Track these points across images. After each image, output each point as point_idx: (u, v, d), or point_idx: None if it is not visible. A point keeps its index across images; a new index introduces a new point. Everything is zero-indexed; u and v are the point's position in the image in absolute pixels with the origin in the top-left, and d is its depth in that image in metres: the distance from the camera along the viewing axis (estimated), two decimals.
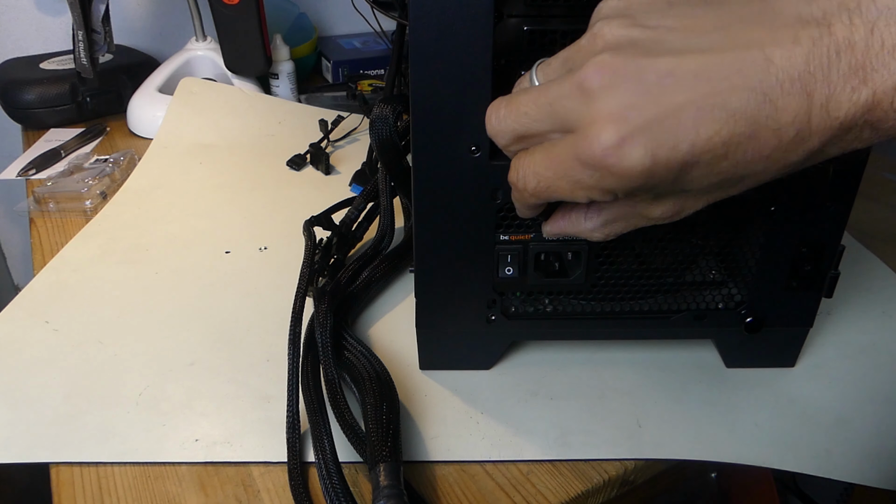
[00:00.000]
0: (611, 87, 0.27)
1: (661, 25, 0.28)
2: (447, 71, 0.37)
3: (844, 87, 0.25)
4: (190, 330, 0.53)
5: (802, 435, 0.45)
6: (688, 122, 0.27)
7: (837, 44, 0.25)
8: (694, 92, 0.26)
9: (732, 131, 0.26)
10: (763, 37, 0.26)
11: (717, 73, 0.26)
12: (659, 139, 0.27)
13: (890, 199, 0.75)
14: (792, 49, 0.26)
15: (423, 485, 0.41)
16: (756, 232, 0.44)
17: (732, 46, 0.26)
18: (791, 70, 0.26)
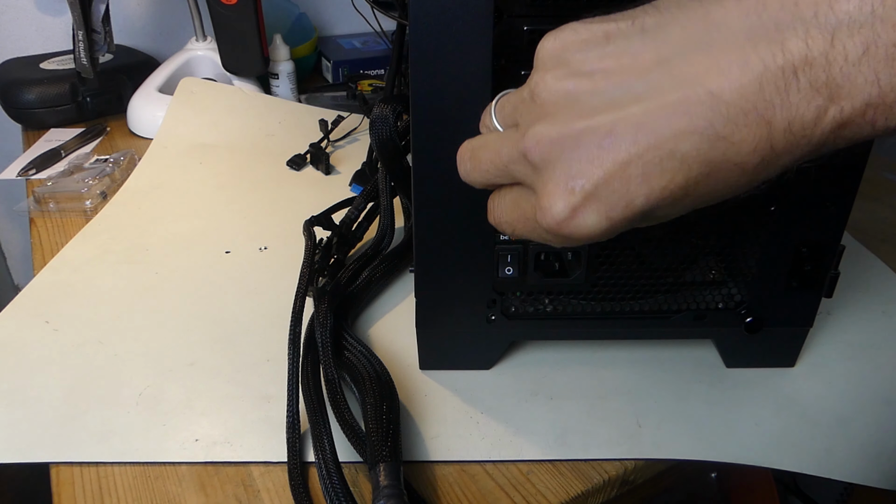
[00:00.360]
0: (552, 161, 0.27)
1: (599, 69, 0.26)
2: (447, 71, 0.37)
3: (808, 107, 0.23)
4: (190, 330, 0.53)
5: (802, 435, 0.45)
6: (636, 179, 0.25)
7: (793, 62, 0.23)
8: (637, 146, 0.25)
9: (688, 176, 0.25)
10: (707, 67, 0.24)
11: (659, 121, 0.25)
12: (610, 201, 0.26)
13: (890, 199, 0.75)
14: (741, 77, 0.23)
15: (423, 485, 0.41)
16: (756, 232, 0.44)
17: (674, 86, 0.24)
18: (742, 102, 0.23)
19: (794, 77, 0.23)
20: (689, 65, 0.24)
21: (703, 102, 0.24)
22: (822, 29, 0.22)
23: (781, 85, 0.23)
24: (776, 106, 0.23)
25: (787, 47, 0.23)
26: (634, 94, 0.25)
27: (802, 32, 0.22)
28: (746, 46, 0.23)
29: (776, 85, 0.23)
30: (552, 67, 0.27)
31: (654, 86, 0.25)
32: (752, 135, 0.24)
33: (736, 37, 0.23)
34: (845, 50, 0.22)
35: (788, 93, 0.23)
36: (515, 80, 0.39)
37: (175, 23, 1.05)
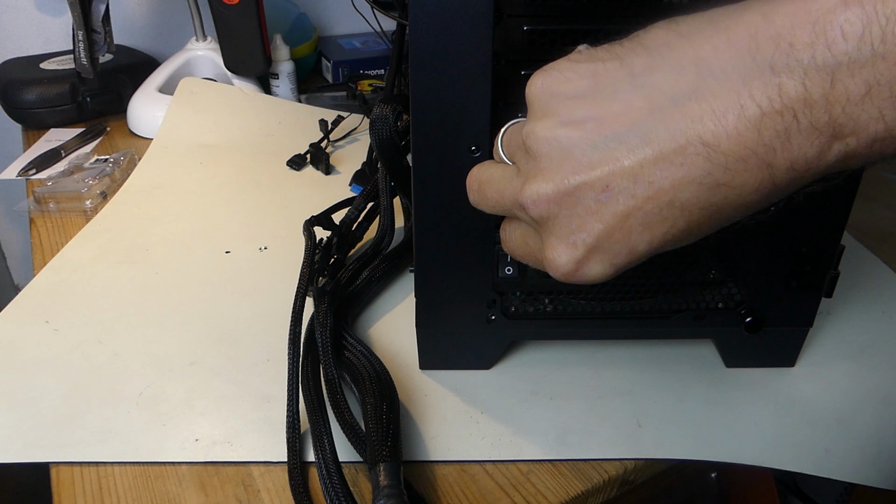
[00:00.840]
0: (552, 217, 0.27)
1: (589, 118, 0.25)
2: (447, 71, 0.37)
3: (811, 146, 0.22)
4: (190, 330, 0.53)
5: (802, 435, 0.45)
6: (637, 229, 0.25)
7: (792, 106, 0.22)
8: (635, 199, 0.25)
9: (689, 220, 0.25)
10: (701, 115, 0.23)
11: (656, 173, 0.24)
12: (613, 251, 0.26)
13: (890, 199, 0.75)
14: (737, 124, 0.22)
15: (423, 485, 0.41)
16: (756, 232, 0.44)
17: (668, 136, 0.24)
18: (740, 150, 0.23)
19: (795, 120, 0.22)
20: (683, 114, 0.23)
21: (700, 153, 0.23)
22: (820, 71, 0.21)
23: (781, 129, 0.22)
24: (777, 149, 0.23)
25: (785, 91, 0.22)
26: (628, 145, 0.25)
27: (800, 75, 0.21)
28: (742, 91, 0.22)
29: (775, 129, 0.22)
30: (542, 116, 0.27)
31: (647, 136, 0.24)
32: (753, 178, 0.23)
33: (730, 81, 0.23)
34: (847, 90, 0.21)
35: (789, 136, 0.22)
36: (515, 81, 0.39)
37: (175, 23, 1.05)
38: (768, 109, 0.22)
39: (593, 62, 0.26)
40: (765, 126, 0.22)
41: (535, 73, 0.28)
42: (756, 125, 0.22)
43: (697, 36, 0.24)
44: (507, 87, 0.39)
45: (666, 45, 0.24)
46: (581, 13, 0.38)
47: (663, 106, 0.24)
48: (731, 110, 0.23)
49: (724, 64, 0.23)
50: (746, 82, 0.22)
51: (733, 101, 0.22)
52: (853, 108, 0.21)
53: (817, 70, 0.21)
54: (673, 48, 0.24)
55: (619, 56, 0.26)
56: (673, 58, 0.24)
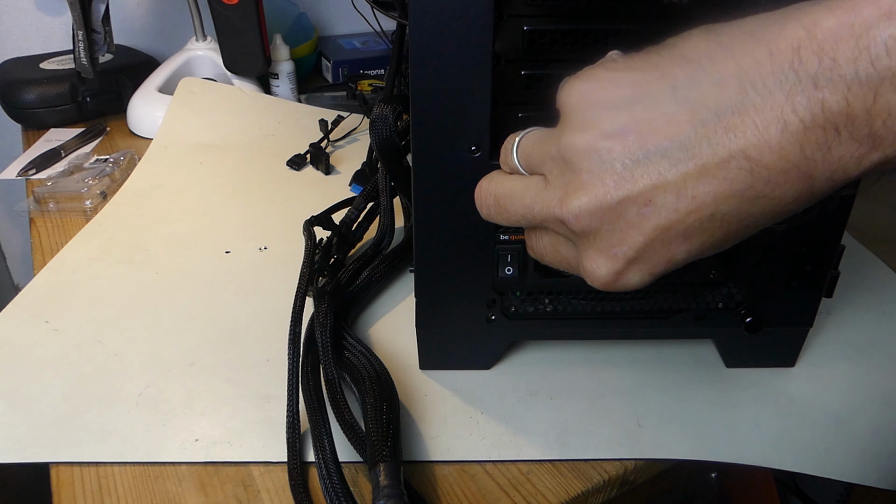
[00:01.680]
0: (594, 230, 0.27)
1: (631, 131, 0.25)
2: (447, 71, 0.37)
3: (850, 157, 0.22)
4: (190, 330, 0.53)
5: (802, 435, 0.45)
6: (677, 241, 0.26)
7: (835, 120, 0.22)
8: (678, 213, 0.25)
9: (727, 230, 0.25)
10: (745, 129, 0.23)
11: (699, 188, 0.24)
12: (653, 261, 0.27)
13: (890, 199, 0.75)
14: (780, 139, 0.22)
15: (423, 485, 0.41)
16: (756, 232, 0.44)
17: (711, 151, 0.24)
18: (783, 163, 0.23)
19: (836, 133, 0.22)
20: (726, 128, 0.23)
21: (743, 167, 0.23)
22: (863, 86, 0.21)
23: (823, 142, 0.22)
24: (818, 161, 0.23)
25: (828, 105, 0.22)
26: (671, 159, 0.25)
27: (843, 89, 0.21)
28: (785, 105, 0.22)
29: (817, 143, 0.22)
30: (580, 127, 0.26)
31: (690, 150, 0.24)
32: (793, 189, 0.24)
33: (773, 95, 0.23)
34: (889, 104, 0.21)
35: (830, 148, 0.22)
36: (515, 81, 0.39)
37: (175, 23, 1.05)
38: (811, 124, 0.22)
39: (632, 72, 0.26)
40: (807, 140, 0.22)
41: (571, 81, 0.27)
42: (799, 139, 0.22)
43: (739, 48, 0.23)
44: (507, 87, 0.39)
45: (707, 56, 0.24)
46: (581, 13, 0.38)
47: (706, 120, 0.24)
48: (775, 124, 0.23)
49: (766, 78, 0.23)
50: (790, 97, 0.22)
51: (776, 116, 0.23)
52: (894, 122, 0.21)
53: (860, 85, 0.21)
54: (715, 60, 0.24)
55: (658, 67, 0.25)
56: (715, 70, 0.24)
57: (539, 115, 0.39)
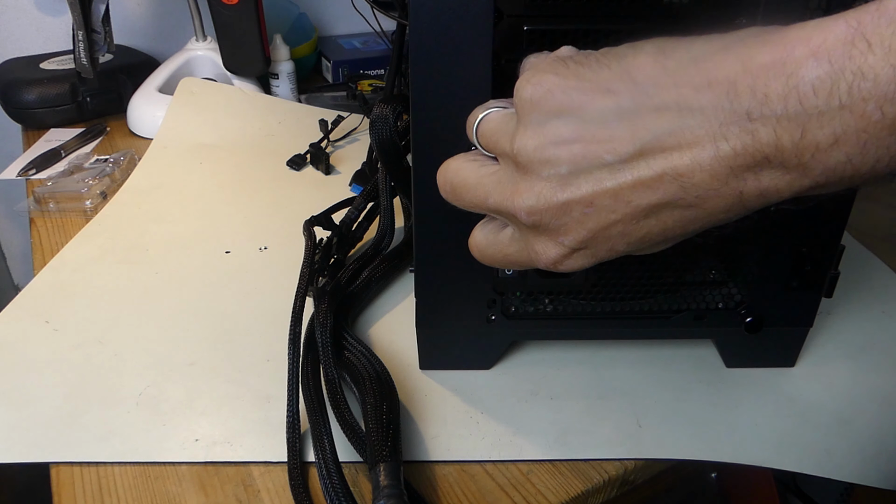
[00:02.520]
0: (542, 224, 0.29)
1: (578, 140, 0.27)
2: (447, 71, 0.37)
3: (780, 180, 0.24)
4: (190, 330, 0.53)
5: (802, 435, 0.45)
6: (617, 236, 0.29)
7: (764, 151, 0.23)
8: (615, 214, 0.28)
9: (664, 228, 0.28)
10: (680, 151, 0.25)
11: (634, 195, 0.27)
12: (595, 249, 0.30)
13: (890, 199, 0.75)
14: (712, 163, 0.24)
15: (423, 485, 0.41)
16: (756, 232, 0.44)
17: (647, 166, 0.26)
18: (713, 183, 0.25)
19: (766, 161, 0.24)
20: (662, 148, 0.26)
21: (675, 181, 0.26)
22: (791, 121, 0.23)
23: (752, 167, 0.24)
24: (747, 181, 0.25)
25: (759, 137, 0.23)
26: (610, 170, 0.27)
27: (773, 123, 0.23)
28: (718, 133, 0.24)
29: (747, 167, 0.24)
30: (532, 132, 0.29)
31: (628, 164, 0.27)
32: (723, 202, 0.26)
33: (709, 122, 0.24)
34: (816, 140, 0.22)
35: (759, 175, 0.24)
36: (515, 81, 0.39)
37: (175, 23, 1.05)
38: (742, 151, 0.24)
39: (581, 82, 0.28)
40: (737, 164, 0.24)
41: (523, 81, 0.29)
42: (729, 163, 0.24)
43: (682, 75, 0.25)
44: (507, 87, 0.39)
45: (653, 82, 0.26)
46: (581, 13, 0.38)
47: (645, 140, 0.26)
48: (708, 149, 0.25)
49: (704, 106, 0.24)
50: (723, 126, 0.24)
51: (710, 141, 0.24)
52: (822, 155, 0.23)
53: (789, 121, 0.23)
54: (659, 86, 0.26)
55: (607, 82, 0.27)
56: (658, 97, 0.26)
57: None
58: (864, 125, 0.22)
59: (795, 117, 0.22)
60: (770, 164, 0.24)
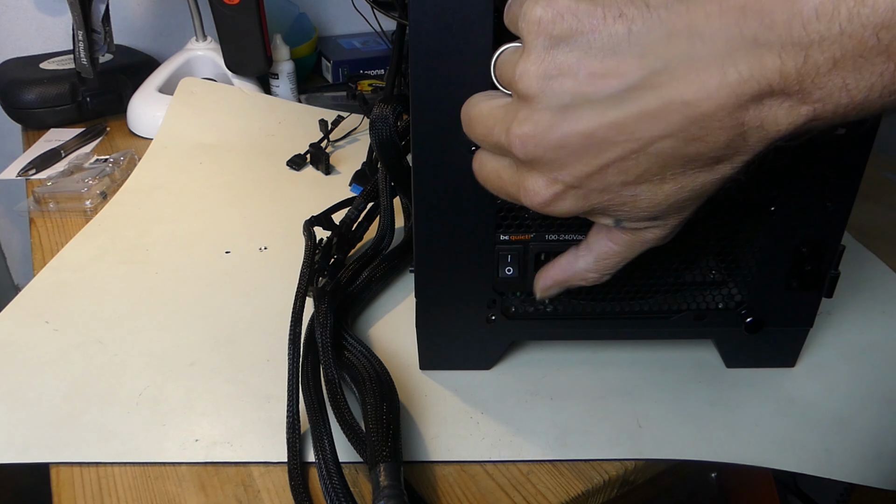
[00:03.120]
0: (537, 157, 0.29)
1: (583, 70, 0.27)
2: (447, 71, 0.37)
3: (780, 108, 0.25)
4: (190, 330, 0.53)
5: (802, 435, 0.45)
6: (614, 173, 0.28)
7: (769, 77, 0.24)
8: (617, 149, 0.27)
9: (663, 167, 0.27)
10: (687, 79, 0.25)
11: (639, 127, 0.26)
12: (588, 190, 0.29)
13: (890, 199, 0.75)
14: (718, 91, 0.25)
15: (423, 485, 0.41)
16: (756, 232, 0.44)
17: (655, 96, 0.26)
18: (718, 111, 0.25)
19: (769, 88, 0.24)
20: (671, 76, 0.25)
21: (680, 111, 0.25)
22: (796, 47, 0.23)
23: (756, 95, 0.25)
24: (750, 110, 0.25)
25: (764, 62, 0.24)
26: (616, 100, 0.26)
27: (778, 49, 0.24)
28: (726, 60, 0.24)
29: (751, 95, 0.24)
30: (536, 58, 0.28)
31: (635, 93, 0.26)
32: (725, 135, 0.26)
33: (717, 49, 0.25)
34: (817, 65, 0.23)
35: (762, 101, 0.25)
36: None
37: (175, 23, 1.05)
38: (748, 77, 0.24)
39: (593, 5, 0.27)
40: (742, 93, 0.25)
41: (531, 2, 0.28)
42: (735, 92, 0.25)
43: (693, 0, 0.25)
44: None
45: (666, 7, 0.26)
46: None
47: (654, 68, 0.26)
48: (715, 77, 0.25)
49: (713, 32, 0.25)
50: (731, 52, 0.24)
51: (717, 69, 0.25)
52: (822, 79, 0.24)
53: (793, 46, 0.23)
54: (671, 11, 0.26)
55: (620, 6, 0.27)
56: (670, 21, 0.26)
57: None
58: (861, 50, 0.23)
59: (799, 42, 0.23)
60: (773, 93, 0.24)
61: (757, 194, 0.42)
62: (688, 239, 0.43)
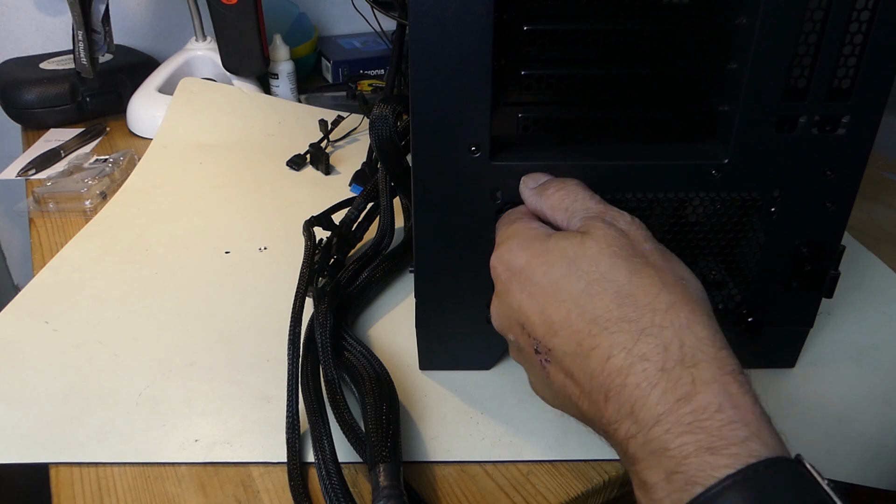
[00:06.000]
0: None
1: (545, 346, 0.34)
2: (447, 71, 0.37)
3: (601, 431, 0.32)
4: (190, 330, 0.53)
5: (802, 435, 0.45)
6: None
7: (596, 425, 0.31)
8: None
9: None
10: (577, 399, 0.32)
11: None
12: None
13: (890, 199, 0.75)
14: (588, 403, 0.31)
15: (423, 485, 0.41)
16: (756, 232, 0.44)
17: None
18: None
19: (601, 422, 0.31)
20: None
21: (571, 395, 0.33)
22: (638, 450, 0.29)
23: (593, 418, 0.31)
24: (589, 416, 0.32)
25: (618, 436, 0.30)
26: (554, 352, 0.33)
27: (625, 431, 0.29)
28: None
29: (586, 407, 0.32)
30: (505, 284, 0.37)
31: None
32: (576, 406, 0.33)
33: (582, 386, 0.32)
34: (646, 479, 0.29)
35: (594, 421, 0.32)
36: (515, 81, 0.39)
37: (175, 23, 1.05)
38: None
39: (531, 273, 0.35)
40: (582, 402, 0.32)
41: (499, 249, 0.36)
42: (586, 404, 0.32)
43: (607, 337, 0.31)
44: (507, 87, 0.39)
45: (590, 373, 0.31)
46: (581, 13, 0.38)
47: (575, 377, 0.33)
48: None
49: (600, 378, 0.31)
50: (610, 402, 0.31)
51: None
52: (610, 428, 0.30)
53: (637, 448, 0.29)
54: (595, 377, 0.31)
55: (554, 305, 0.33)
56: (592, 348, 0.31)
57: (538, 115, 0.40)
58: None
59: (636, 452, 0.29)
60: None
61: (757, 194, 0.42)
62: (688, 239, 0.43)
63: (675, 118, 0.41)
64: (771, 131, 0.39)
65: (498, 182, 0.40)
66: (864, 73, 0.37)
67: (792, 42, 0.37)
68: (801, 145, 0.40)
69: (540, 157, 0.40)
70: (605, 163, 0.40)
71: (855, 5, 0.36)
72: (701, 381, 0.28)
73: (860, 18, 0.36)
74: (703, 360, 0.29)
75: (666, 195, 0.41)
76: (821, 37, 0.37)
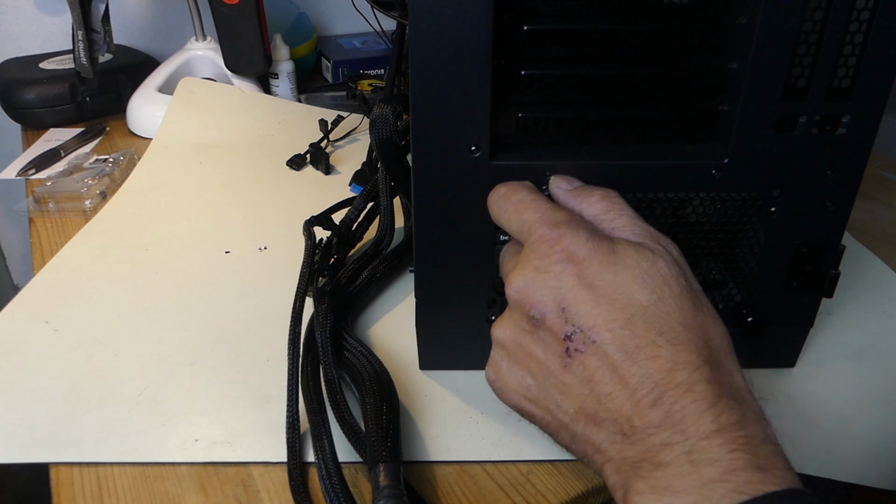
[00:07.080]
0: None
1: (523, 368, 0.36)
2: (447, 71, 0.37)
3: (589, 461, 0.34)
4: (190, 330, 0.53)
5: (803, 435, 0.45)
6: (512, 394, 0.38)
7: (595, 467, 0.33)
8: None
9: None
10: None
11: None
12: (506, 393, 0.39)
13: (890, 199, 0.75)
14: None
15: (423, 485, 0.41)
16: (756, 232, 0.44)
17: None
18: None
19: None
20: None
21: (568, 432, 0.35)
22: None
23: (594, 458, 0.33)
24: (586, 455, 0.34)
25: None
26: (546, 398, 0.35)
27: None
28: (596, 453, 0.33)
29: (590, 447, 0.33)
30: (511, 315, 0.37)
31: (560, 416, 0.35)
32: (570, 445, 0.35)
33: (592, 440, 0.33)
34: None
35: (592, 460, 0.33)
36: (515, 81, 0.39)
37: (175, 23, 1.05)
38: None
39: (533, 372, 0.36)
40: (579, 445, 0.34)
41: (515, 274, 0.35)
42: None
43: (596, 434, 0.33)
44: (507, 87, 0.39)
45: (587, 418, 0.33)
46: (581, 13, 0.38)
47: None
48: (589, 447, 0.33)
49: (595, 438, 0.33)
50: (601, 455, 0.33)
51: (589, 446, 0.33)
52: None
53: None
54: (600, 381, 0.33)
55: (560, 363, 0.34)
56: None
57: (538, 115, 0.40)
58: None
59: None
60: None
61: (757, 194, 0.42)
62: (688, 239, 0.43)
63: (675, 118, 0.41)
64: (771, 131, 0.39)
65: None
66: (865, 73, 0.37)
67: (792, 42, 0.37)
68: (801, 145, 0.40)
69: (540, 157, 0.40)
70: (605, 163, 0.40)
71: (855, 5, 0.36)
72: (749, 418, 0.31)
73: (860, 18, 0.36)
74: (749, 400, 0.33)
75: (666, 195, 0.41)
76: (821, 37, 0.37)
